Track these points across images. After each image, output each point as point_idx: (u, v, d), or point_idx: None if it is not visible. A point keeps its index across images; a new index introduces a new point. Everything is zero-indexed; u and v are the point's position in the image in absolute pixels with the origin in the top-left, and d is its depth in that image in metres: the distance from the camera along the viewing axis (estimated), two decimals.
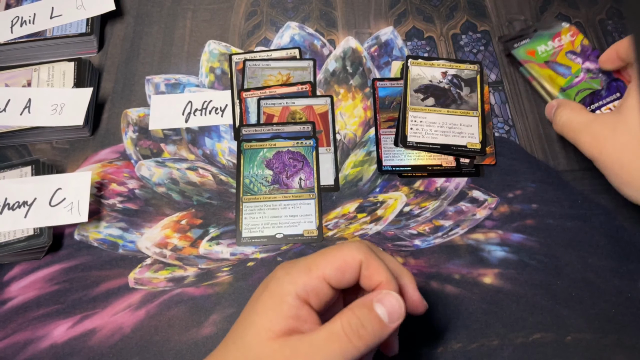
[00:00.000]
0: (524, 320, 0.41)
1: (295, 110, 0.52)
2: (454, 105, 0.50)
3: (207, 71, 0.55)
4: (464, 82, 0.51)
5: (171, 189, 0.49)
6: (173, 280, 0.44)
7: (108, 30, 0.59)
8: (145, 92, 0.54)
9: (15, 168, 0.48)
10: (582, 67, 0.51)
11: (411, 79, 0.51)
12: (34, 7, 0.57)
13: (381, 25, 0.58)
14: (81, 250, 0.46)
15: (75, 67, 0.53)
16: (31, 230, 0.44)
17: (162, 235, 0.46)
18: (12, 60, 0.56)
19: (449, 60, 0.53)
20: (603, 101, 0.49)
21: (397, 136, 0.49)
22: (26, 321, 0.43)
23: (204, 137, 0.52)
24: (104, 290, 0.44)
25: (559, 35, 0.53)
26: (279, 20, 0.59)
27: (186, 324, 0.42)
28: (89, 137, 0.52)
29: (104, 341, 0.42)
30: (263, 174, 0.48)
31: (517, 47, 0.53)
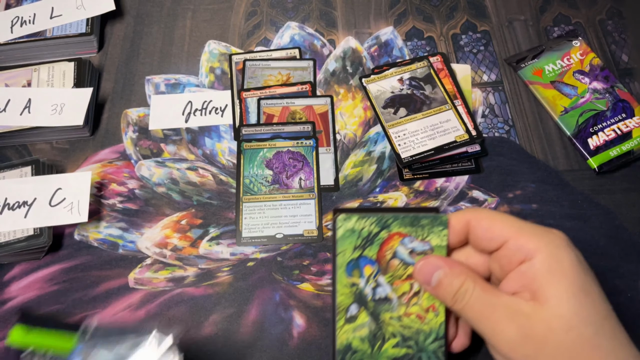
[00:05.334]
0: None
1: (295, 110, 0.52)
2: (425, 107, 0.50)
3: (207, 71, 0.55)
4: (422, 80, 0.51)
5: (171, 189, 0.49)
6: (173, 280, 0.44)
7: (108, 30, 0.59)
8: (145, 92, 0.54)
9: (15, 168, 0.48)
10: (589, 87, 0.51)
11: (374, 97, 0.51)
12: (34, 7, 0.57)
13: (381, 25, 0.58)
14: (81, 250, 0.46)
15: (75, 67, 0.53)
16: (31, 230, 0.44)
17: (162, 235, 0.46)
18: (12, 60, 0.56)
19: (398, 66, 0.53)
20: (607, 122, 0.49)
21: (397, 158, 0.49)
22: None
23: (204, 137, 0.52)
24: (104, 290, 0.44)
25: (568, 54, 0.53)
26: (279, 20, 0.59)
27: (186, 324, 0.42)
28: (89, 137, 0.52)
29: None
30: (263, 174, 0.48)
31: (525, 66, 0.53)
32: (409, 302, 0.34)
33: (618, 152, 0.47)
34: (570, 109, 0.50)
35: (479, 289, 0.31)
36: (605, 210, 0.46)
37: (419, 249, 0.34)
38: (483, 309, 0.31)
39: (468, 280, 0.32)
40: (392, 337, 0.34)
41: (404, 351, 0.34)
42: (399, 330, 0.34)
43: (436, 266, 0.33)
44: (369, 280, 0.34)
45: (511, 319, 0.30)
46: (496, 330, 0.30)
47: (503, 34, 0.57)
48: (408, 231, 0.34)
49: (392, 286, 0.34)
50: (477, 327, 0.31)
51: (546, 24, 0.57)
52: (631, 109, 0.49)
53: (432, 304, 0.34)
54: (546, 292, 0.30)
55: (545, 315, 0.29)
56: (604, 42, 0.55)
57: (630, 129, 0.48)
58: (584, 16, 0.57)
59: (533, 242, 0.31)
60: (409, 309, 0.34)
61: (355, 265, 0.34)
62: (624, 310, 0.42)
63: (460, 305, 0.31)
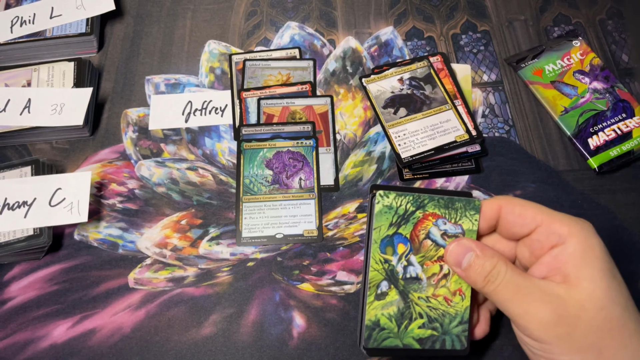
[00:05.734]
0: None
1: (295, 110, 0.52)
2: (425, 107, 0.50)
3: (207, 71, 0.55)
4: (422, 80, 0.51)
5: (171, 189, 0.49)
6: (173, 281, 0.44)
7: (108, 30, 0.59)
8: (145, 92, 0.54)
9: (15, 168, 0.48)
10: (589, 87, 0.51)
11: (374, 97, 0.51)
12: (34, 7, 0.57)
13: (381, 25, 0.58)
14: (81, 250, 0.46)
15: (75, 67, 0.53)
16: (31, 230, 0.44)
17: (162, 235, 0.46)
18: (12, 60, 0.56)
19: (398, 66, 0.53)
20: (607, 122, 0.49)
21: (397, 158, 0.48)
22: (26, 321, 0.43)
23: (204, 137, 0.51)
24: (103, 290, 0.44)
25: (569, 54, 0.53)
26: (279, 20, 0.59)
27: (186, 324, 0.42)
28: (89, 137, 0.52)
29: (104, 341, 0.42)
30: (263, 174, 0.48)
31: (525, 66, 0.53)
32: (438, 283, 0.35)
33: (618, 152, 0.47)
34: (570, 109, 0.50)
35: (510, 271, 0.32)
36: (605, 210, 0.46)
37: (451, 232, 0.35)
38: (516, 290, 0.32)
39: (500, 263, 0.33)
40: (418, 317, 0.35)
41: (429, 332, 0.35)
42: (426, 311, 0.35)
43: (468, 248, 0.34)
44: (401, 258, 0.35)
45: (545, 300, 0.31)
46: (530, 312, 0.31)
47: (503, 34, 0.57)
48: (442, 213, 0.35)
49: (422, 267, 0.35)
50: (509, 309, 0.32)
51: (546, 24, 0.57)
52: (631, 109, 0.49)
53: (459, 287, 0.35)
54: (579, 274, 0.31)
55: (579, 296, 0.31)
56: (604, 42, 0.55)
57: (631, 129, 0.48)
58: (584, 16, 0.57)
59: (565, 227, 0.32)
60: (437, 290, 0.35)
61: (390, 242, 0.35)
62: None
63: (492, 287, 0.32)
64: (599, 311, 0.30)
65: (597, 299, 0.30)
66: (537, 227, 0.33)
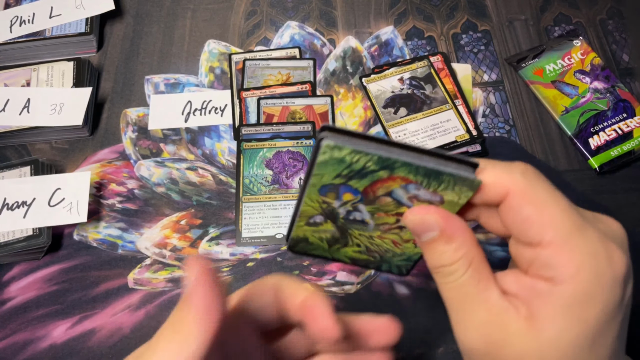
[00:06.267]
0: None
1: (295, 110, 0.52)
2: (425, 107, 0.50)
3: (207, 71, 0.55)
4: (422, 80, 0.51)
5: (170, 189, 0.49)
6: (172, 281, 0.44)
7: (107, 29, 0.59)
8: (144, 92, 0.54)
9: (15, 168, 0.48)
10: (590, 87, 0.50)
11: (374, 96, 0.51)
12: (33, 7, 0.57)
13: (381, 24, 0.58)
14: (80, 250, 0.46)
15: (75, 66, 0.53)
16: (30, 230, 0.44)
17: (162, 236, 0.46)
18: (11, 60, 0.56)
19: (398, 65, 0.53)
20: (608, 122, 0.48)
21: None
22: (25, 321, 0.43)
23: (204, 137, 0.51)
24: (103, 290, 0.44)
25: (569, 54, 0.53)
26: (278, 19, 0.59)
27: None
28: (88, 137, 0.52)
29: (103, 342, 0.41)
30: (263, 174, 0.48)
31: (525, 66, 0.53)
32: (388, 231, 0.28)
33: (619, 152, 0.47)
34: (571, 109, 0.50)
35: (469, 275, 0.25)
36: (606, 210, 0.46)
37: (423, 197, 0.26)
38: (460, 300, 0.25)
39: (462, 261, 0.25)
40: (355, 246, 0.29)
41: (364, 257, 0.30)
42: (366, 244, 0.29)
43: (434, 225, 0.25)
44: (345, 204, 0.27)
45: (485, 328, 0.25)
46: (461, 327, 0.26)
47: (504, 34, 0.56)
48: (418, 180, 0.25)
49: (373, 215, 0.27)
50: (448, 310, 0.27)
51: (547, 24, 0.57)
52: (632, 109, 0.49)
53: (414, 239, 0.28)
54: (548, 328, 0.23)
55: (526, 345, 0.24)
56: (605, 42, 0.55)
57: (631, 128, 0.48)
58: (585, 16, 0.57)
59: (572, 266, 0.23)
60: (385, 234, 0.28)
61: (333, 189, 0.26)
62: None
63: (441, 281, 0.26)
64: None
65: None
66: (540, 245, 0.24)
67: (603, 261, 0.23)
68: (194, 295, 0.23)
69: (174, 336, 0.23)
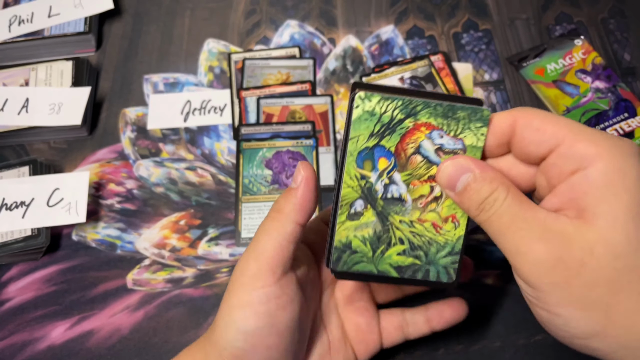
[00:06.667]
0: (526, 322, 0.41)
1: (295, 110, 0.51)
2: None
3: (206, 70, 0.55)
4: (423, 79, 0.51)
5: (169, 189, 0.48)
6: (171, 281, 0.44)
7: (106, 29, 0.58)
8: (143, 91, 0.54)
9: (13, 168, 0.47)
10: (591, 87, 0.50)
11: None
12: (32, 6, 0.57)
13: (382, 23, 0.57)
14: (79, 251, 0.46)
15: (73, 66, 0.53)
16: (29, 230, 0.44)
17: (161, 236, 0.46)
18: (9, 59, 0.55)
19: (399, 65, 0.52)
20: (610, 121, 0.48)
21: None
22: (24, 322, 0.42)
23: (203, 137, 0.51)
24: (102, 291, 0.44)
25: (570, 53, 0.52)
26: (278, 18, 0.58)
27: (185, 325, 0.42)
28: (87, 136, 0.52)
29: (102, 343, 0.41)
30: (262, 173, 0.48)
31: (526, 65, 0.53)
32: (426, 207, 0.29)
33: None
34: (572, 109, 0.50)
35: (511, 198, 0.26)
36: None
37: (448, 147, 0.29)
38: (511, 223, 0.26)
39: (501, 188, 0.26)
40: (398, 243, 0.30)
41: (409, 260, 0.30)
42: (408, 237, 0.30)
43: (465, 168, 0.27)
44: (382, 175, 0.29)
45: (544, 238, 0.25)
46: (522, 249, 0.25)
47: (505, 33, 0.56)
48: (439, 123, 0.28)
49: (408, 186, 0.29)
50: (500, 243, 0.27)
51: (548, 23, 0.56)
52: (633, 109, 0.49)
53: (452, 213, 0.29)
54: (597, 209, 0.24)
55: (589, 236, 0.24)
56: (606, 41, 0.55)
57: (633, 128, 0.48)
58: (586, 15, 0.57)
59: (592, 148, 0.25)
60: (425, 214, 0.29)
61: (369, 156, 0.29)
62: None
63: (486, 216, 0.27)
64: (613, 259, 0.23)
65: (613, 244, 0.23)
66: (558, 146, 0.26)
67: (618, 141, 0.25)
68: (298, 191, 0.29)
69: (274, 219, 0.30)
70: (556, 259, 0.24)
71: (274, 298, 0.29)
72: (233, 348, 0.29)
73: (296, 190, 0.29)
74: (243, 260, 0.30)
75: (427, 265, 0.30)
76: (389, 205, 0.29)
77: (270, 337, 0.29)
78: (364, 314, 0.35)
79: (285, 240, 0.29)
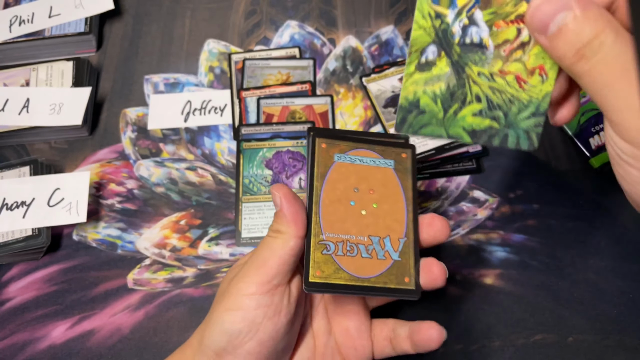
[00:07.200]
0: (525, 322, 0.41)
1: (295, 110, 0.51)
2: None
3: (206, 70, 0.55)
4: None
5: (170, 189, 0.49)
6: (172, 281, 0.44)
7: (107, 29, 0.58)
8: (144, 92, 0.54)
9: (14, 168, 0.47)
10: None
11: (374, 96, 0.50)
12: (33, 7, 0.57)
13: (382, 24, 0.57)
14: (80, 250, 0.46)
15: (74, 66, 0.53)
16: (29, 230, 0.44)
17: (161, 236, 0.46)
18: (10, 59, 0.55)
19: (399, 65, 0.52)
20: None
21: None
22: (24, 322, 0.43)
23: (203, 137, 0.51)
24: (102, 291, 0.44)
25: None
26: (278, 19, 0.58)
27: (185, 325, 0.42)
28: (88, 136, 0.52)
29: (103, 342, 0.41)
30: (262, 173, 0.48)
31: None
32: (510, 55, 0.25)
33: None
34: None
35: (621, 42, 0.21)
36: (607, 210, 0.46)
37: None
38: (621, 73, 0.21)
39: (608, 30, 0.21)
40: (475, 101, 0.25)
41: (486, 122, 0.25)
42: (487, 93, 0.25)
43: (562, 4, 0.22)
44: (461, 13, 0.24)
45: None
46: (633, 106, 0.21)
47: None
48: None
49: (491, 28, 0.24)
50: (604, 97, 0.22)
51: None
52: None
53: (540, 63, 0.25)
54: None
55: None
56: None
57: None
58: None
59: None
60: (508, 65, 0.25)
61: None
62: (626, 312, 0.41)
63: (587, 66, 0.22)
64: None
65: None
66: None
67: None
68: (284, 210, 0.30)
69: (276, 238, 0.30)
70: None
71: (262, 306, 0.30)
72: (215, 347, 0.30)
73: (281, 210, 0.30)
74: (245, 268, 0.31)
75: (505, 129, 0.25)
76: (466, 53, 0.25)
77: (251, 343, 0.30)
78: (353, 318, 0.35)
79: (287, 254, 0.30)
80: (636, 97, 0.21)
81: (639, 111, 0.21)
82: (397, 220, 0.31)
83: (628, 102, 0.21)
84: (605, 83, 0.22)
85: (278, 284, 0.30)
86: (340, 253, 0.30)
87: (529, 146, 0.25)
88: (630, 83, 0.21)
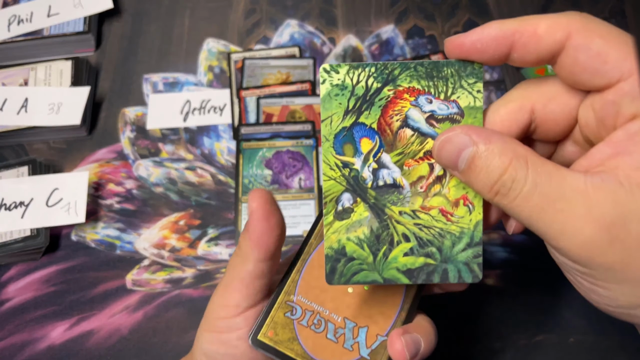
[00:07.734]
0: (526, 322, 0.41)
1: (295, 110, 0.51)
2: None
3: (206, 70, 0.55)
4: None
5: (169, 189, 0.48)
6: (171, 282, 0.44)
7: (106, 28, 0.58)
8: (143, 91, 0.54)
9: (12, 168, 0.47)
10: None
11: None
12: (31, 6, 0.57)
13: (382, 23, 0.57)
14: (78, 251, 0.45)
15: (73, 65, 0.53)
16: (28, 231, 0.44)
17: (160, 236, 0.46)
18: (9, 59, 0.55)
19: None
20: None
21: None
22: (23, 323, 0.42)
23: (203, 137, 0.51)
24: (101, 291, 0.44)
25: None
26: (278, 18, 0.58)
27: (184, 325, 0.42)
28: (86, 136, 0.52)
29: (102, 343, 0.41)
30: (262, 173, 0.48)
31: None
32: (428, 190, 0.24)
33: None
34: None
35: (534, 173, 0.20)
36: None
37: (441, 113, 0.23)
38: (545, 203, 0.20)
39: (516, 162, 0.21)
40: (403, 240, 0.24)
41: (421, 260, 0.24)
42: (414, 231, 0.24)
43: (465, 140, 0.21)
44: (367, 159, 0.24)
45: (593, 213, 0.20)
46: (567, 232, 0.20)
47: None
48: (424, 86, 0.23)
49: (402, 168, 0.24)
50: (537, 228, 0.21)
51: None
52: None
53: (463, 194, 0.24)
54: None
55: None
56: None
57: None
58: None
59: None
60: (429, 200, 0.24)
61: (348, 138, 0.24)
62: None
63: (507, 201, 0.21)
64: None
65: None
66: (620, 81, 0.20)
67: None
68: (250, 226, 0.27)
69: (237, 255, 0.28)
70: (611, 239, 0.20)
71: (235, 329, 0.28)
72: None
73: (247, 225, 0.27)
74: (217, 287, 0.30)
75: (443, 264, 0.24)
76: (382, 195, 0.24)
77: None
78: None
79: (249, 277, 0.27)
80: (569, 225, 0.20)
81: (575, 238, 0.20)
82: (385, 314, 0.28)
83: (560, 228, 0.20)
84: (532, 217, 0.21)
85: (248, 307, 0.28)
86: (304, 322, 0.27)
87: (473, 279, 0.24)
88: (556, 213, 0.20)
